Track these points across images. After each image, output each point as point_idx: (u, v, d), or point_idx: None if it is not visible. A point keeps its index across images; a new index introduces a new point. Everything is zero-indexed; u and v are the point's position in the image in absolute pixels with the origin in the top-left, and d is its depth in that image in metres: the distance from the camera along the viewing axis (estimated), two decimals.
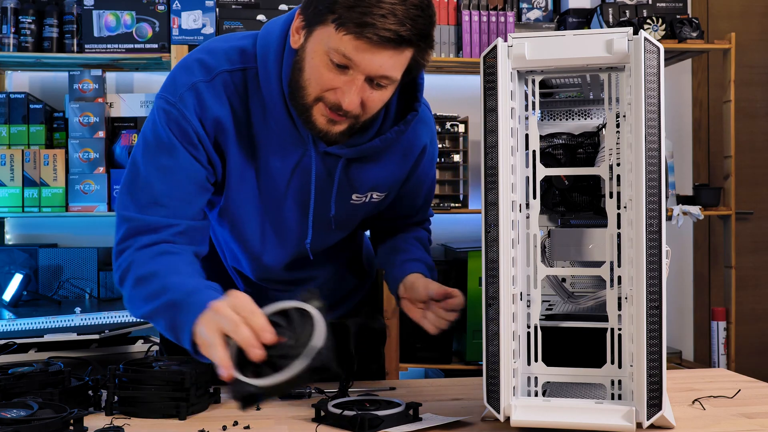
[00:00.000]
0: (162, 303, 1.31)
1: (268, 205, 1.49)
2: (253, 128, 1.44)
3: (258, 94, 1.42)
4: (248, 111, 1.43)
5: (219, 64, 1.41)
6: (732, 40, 3.28)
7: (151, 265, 1.35)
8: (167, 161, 1.40)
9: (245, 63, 1.42)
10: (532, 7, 3.42)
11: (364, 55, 1.28)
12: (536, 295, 1.29)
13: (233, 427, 1.30)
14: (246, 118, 1.43)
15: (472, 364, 3.08)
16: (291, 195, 1.49)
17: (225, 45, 1.45)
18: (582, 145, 1.42)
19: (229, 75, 1.41)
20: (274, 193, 1.48)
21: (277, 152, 1.45)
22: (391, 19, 1.25)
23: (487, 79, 1.24)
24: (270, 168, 1.46)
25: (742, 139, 3.63)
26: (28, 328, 1.81)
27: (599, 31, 1.22)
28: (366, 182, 1.52)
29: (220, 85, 1.41)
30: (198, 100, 1.40)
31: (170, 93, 1.41)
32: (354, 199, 1.53)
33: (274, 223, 1.51)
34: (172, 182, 1.40)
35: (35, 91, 3.32)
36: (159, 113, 1.41)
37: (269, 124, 1.43)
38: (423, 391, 1.55)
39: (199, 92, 1.40)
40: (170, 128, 1.40)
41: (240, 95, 1.42)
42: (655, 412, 1.20)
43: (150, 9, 3.05)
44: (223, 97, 1.41)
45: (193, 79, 1.40)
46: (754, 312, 3.83)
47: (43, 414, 1.19)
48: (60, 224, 3.31)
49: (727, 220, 3.36)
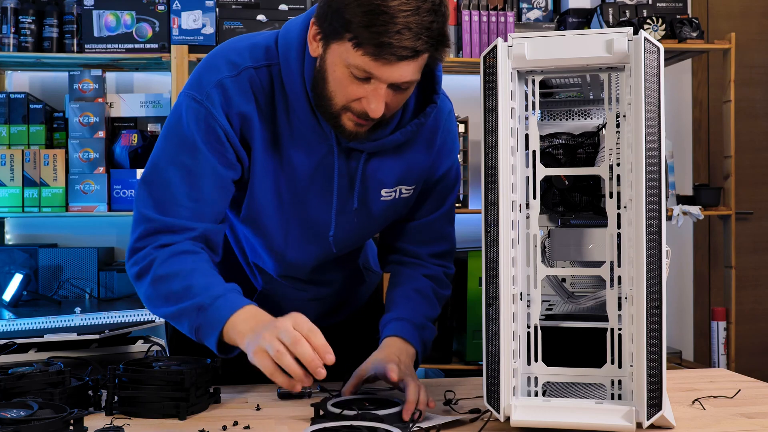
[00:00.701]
0: (187, 306, 1.35)
1: (291, 200, 1.50)
2: (277, 124, 1.45)
3: (282, 91, 1.44)
4: (273, 107, 1.44)
5: (244, 60, 1.43)
6: (732, 40, 3.28)
7: (171, 264, 1.38)
8: (189, 161, 1.41)
9: (269, 60, 1.43)
10: (532, 7, 3.42)
11: (383, 70, 1.30)
12: (536, 295, 1.29)
13: (233, 427, 1.30)
14: (271, 114, 1.44)
15: (472, 364, 3.08)
16: (314, 190, 1.50)
17: (248, 42, 1.46)
18: (582, 145, 1.42)
19: (254, 71, 1.43)
20: (297, 188, 1.49)
21: (300, 147, 1.46)
22: (407, 35, 1.26)
23: (487, 79, 1.24)
24: (293, 163, 1.47)
25: (742, 139, 3.63)
26: (28, 328, 1.81)
27: (599, 31, 1.22)
28: (392, 176, 1.52)
29: (246, 81, 1.42)
30: (225, 97, 1.41)
31: (197, 90, 1.42)
32: (384, 196, 1.53)
33: (297, 219, 1.52)
34: (193, 183, 1.41)
35: (35, 91, 3.32)
36: (187, 111, 1.42)
37: (292, 121, 1.45)
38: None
39: (225, 88, 1.41)
40: (197, 127, 1.40)
41: (265, 91, 1.43)
42: (655, 412, 1.20)
43: (150, 9, 3.05)
44: (249, 92, 1.42)
45: (219, 75, 1.41)
46: (754, 312, 3.83)
47: (43, 414, 1.19)
48: (60, 224, 3.31)
49: (727, 220, 3.36)
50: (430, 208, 1.62)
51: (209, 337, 1.35)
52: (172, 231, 1.40)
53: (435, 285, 1.62)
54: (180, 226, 1.41)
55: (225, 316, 1.32)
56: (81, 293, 3.01)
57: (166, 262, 1.38)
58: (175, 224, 1.40)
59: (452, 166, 1.61)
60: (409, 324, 1.52)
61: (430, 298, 1.59)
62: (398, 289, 1.59)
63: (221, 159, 1.42)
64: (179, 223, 1.41)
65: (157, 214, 1.41)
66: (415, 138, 1.51)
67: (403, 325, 1.52)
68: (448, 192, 1.62)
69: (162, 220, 1.41)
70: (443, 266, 1.65)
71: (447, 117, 1.57)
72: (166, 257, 1.38)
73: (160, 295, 1.39)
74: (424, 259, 1.63)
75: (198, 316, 1.34)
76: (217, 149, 1.41)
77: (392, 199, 1.55)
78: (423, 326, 1.54)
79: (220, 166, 1.42)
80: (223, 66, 1.42)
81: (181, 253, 1.39)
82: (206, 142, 1.40)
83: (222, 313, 1.33)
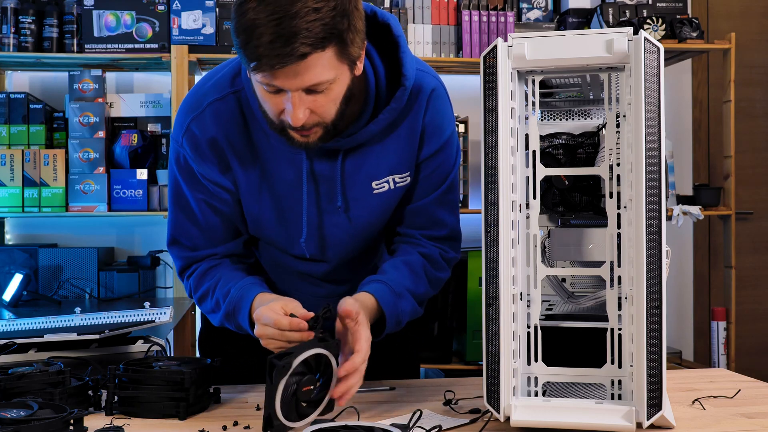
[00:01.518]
0: (222, 315, 1.52)
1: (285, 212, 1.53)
2: (254, 142, 1.49)
3: (252, 113, 1.47)
4: (247, 127, 1.49)
5: (207, 96, 1.49)
6: (732, 40, 3.28)
7: (202, 284, 1.56)
8: (183, 200, 1.55)
9: (236, 86, 1.48)
10: (532, 7, 3.42)
11: (281, 80, 1.29)
12: (536, 295, 1.29)
13: (233, 427, 1.30)
14: (245, 135, 1.49)
15: (472, 364, 3.08)
16: (303, 198, 1.51)
17: (217, 76, 1.51)
18: (582, 145, 1.42)
19: (220, 102, 1.48)
20: (290, 197, 1.51)
21: (282, 159, 1.49)
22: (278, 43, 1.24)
23: (487, 79, 1.24)
24: (280, 174, 1.50)
25: (742, 139, 3.63)
26: (28, 328, 1.81)
27: (599, 31, 1.22)
28: (379, 166, 1.51)
29: (210, 115, 1.48)
30: (193, 140, 1.49)
31: (175, 138, 1.53)
32: (375, 188, 1.52)
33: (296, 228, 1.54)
34: (194, 218, 1.55)
35: (35, 91, 3.32)
36: (173, 157, 1.55)
37: (269, 137, 1.48)
38: (423, 391, 1.55)
39: (191, 132, 1.49)
40: (179, 171, 1.53)
41: (234, 116, 1.48)
42: (655, 412, 1.20)
43: (150, 9, 3.05)
44: (214, 125, 1.48)
45: (187, 119, 1.49)
46: (754, 312, 3.83)
47: (43, 414, 1.19)
48: (60, 224, 3.31)
49: (727, 220, 3.36)
50: (420, 193, 1.56)
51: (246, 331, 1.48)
52: (199, 260, 1.58)
53: (428, 263, 1.57)
54: (203, 255, 1.58)
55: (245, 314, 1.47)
56: (81, 293, 3.01)
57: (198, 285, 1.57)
58: (199, 256, 1.58)
59: (442, 147, 1.54)
60: (386, 287, 1.48)
61: (418, 274, 1.54)
62: (389, 261, 1.57)
63: (206, 194, 1.53)
64: (200, 254, 1.58)
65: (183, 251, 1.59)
66: (397, 124, 1.49)
67: (380, 287, 1.48)
68: (440, 175, 1.56)
69: (187, 256, 1.58)
70: (441, 249, 1.60)
71: (431, 96, 1.51)
72: (197, 280, 1.57)
73: (206, 310, 1.58)
74: (419, 239, 1.59)
75: (232, 320, 1.51)
76: (199, 189, 1.53)
77: (387, 190, 1.53)
78: (400, 294, 1.49)
79: (208, 199, 1.53)
80: (191, 106, 1.50)
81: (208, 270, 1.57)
82: (188, 183, 1.53)
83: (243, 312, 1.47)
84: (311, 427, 1.20)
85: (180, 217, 1.56)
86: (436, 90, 1.53)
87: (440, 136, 1.53)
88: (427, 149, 1.53)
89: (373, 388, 1.55)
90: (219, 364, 1.45)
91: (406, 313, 1.51)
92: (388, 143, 1.50)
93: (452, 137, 1.57)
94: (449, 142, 1.56)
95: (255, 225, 1.57)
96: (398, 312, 1.48)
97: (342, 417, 1.34)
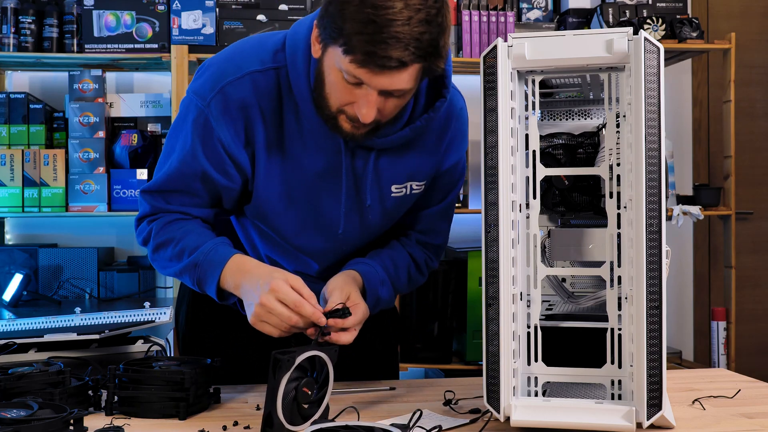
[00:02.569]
0: (184, 264, 1.46)
1: (302, 198, 1.52)
2: (284, 125, 1.47)
3: (290, 93, 1.45)
4: (280, 108, 1.46)
5: (249, 64, 1.45)
6: (732, 40, 3.28)
7: (166, 231, 1.50)
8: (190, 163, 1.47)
9: (277, 63, 1.45)
10: (532, 7, 3.42)
11: (371, 77, 1.30)
12: (536, 295, 1.29)
13: (233, 427, 1.30)
14: (277, 116, 1.46)
15: (472, 364, 3.08)
16: (325, 187, 1.51)
17: (257, 44, 1.48)
18: (582, 145, 1.42)
19: (260, 74, 1.44)
20: (308, 187, 1.50)
21: (310, 147, 1.48)
22: (395, 46, 1.25)
23: (487, 79, 1.24)
24: (303, 162, 1.48)
25: (742, 139, 3.63)
26: (28, 328, 1.81)
27: (599, 31, 1.23)
28: (402, 171, 1.53)
29: (248, 85, 1.44)
30: (225, 104, 1.44)
31: (200, 96, 1.45)
32: (395, 191, 1.54)
33: (310, 216, 1.53)
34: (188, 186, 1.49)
35: (35, 91, 3.32)
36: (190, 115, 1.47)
37: (301, 121, 1.46)
38: (423, 391, 1.55)
39: (226, 95, 1.43)
40: (197, 134, 1.46)
41: (270, 94, 1.45)
42: (655, 412, 1.20)
43: (150, 9, 3.05)
44: (252, 96, 1.44)
45: (222, 81, 1.44)
46: (754, 312, 3.83)
47: (43, 414, 1.19)
48: (60, 224, 3.31)
49: (727, 220, 3.36)
50: (429, 201, 1.62)
51: (209, 288, 1.45)
52: (169, 212, 1.52)
53: (413, 264, 1.63)
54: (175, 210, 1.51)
55: (219, 267, 1.43)
56: (81, 293, 3.01)
57: (162, 231, 1.50)
58: (171, 209, 1.51)
59: (458, 163, 1.61)
60: (373, 270, 1.54)
61: (401, 269, 1.60)
62: (377, 251, 1.61)
63: (217, 167, 1.47)
64: (174, 209, 1.51)
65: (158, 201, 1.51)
66: (425, 133, 1.51)
67: (366, 268, 1.53)
68: (449, 188, 1.63)
69: (160, 206, 1.51)
70: (427, 256, 1.66)
71: (458, 113, 1.57)
72: (161, 226, 1.50)
73: (162, 258, 1.51)
74: (412, 240, 1.65)
75: (196, 271, 1.45)
76: (210, 156, 1.46)
77: (403, 195, 1.56)
78: (382, 282, 1.55)
79: (215, 172, 1.47)
80: (229, 70, 1.44)
81: (175, 221, 1.51)
82: (203, 145, 1.46)
83: (216, 265, 1.43)
84: (311, 426, 1.20)
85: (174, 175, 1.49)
86: (464, 109, 1.60)
87: (459, 152, 1.61)
88: (447, 162, 1.58)
89: (373, 388, 1.55)
90: (219, 364, 1.45)
91: (385, 301, 1.56)
92: (414, 150, 1.52)
93: (465, 155, 1.64)
94: (463, 159, 1.63)
95: (259, 208, 1.53)
96: (378, 297, 1.54)
97: (342, 417, 1.34)
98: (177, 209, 1.51)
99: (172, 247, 1.48)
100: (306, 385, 1.27)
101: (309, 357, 1.29)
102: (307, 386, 1.28)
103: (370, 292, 1.51)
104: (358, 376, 1.65)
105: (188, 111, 1.48)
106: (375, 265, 1.55)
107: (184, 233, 1.48)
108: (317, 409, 1.31)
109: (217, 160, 1.47)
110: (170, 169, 1.49)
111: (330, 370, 1.32)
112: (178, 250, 1.47)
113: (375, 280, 1.53)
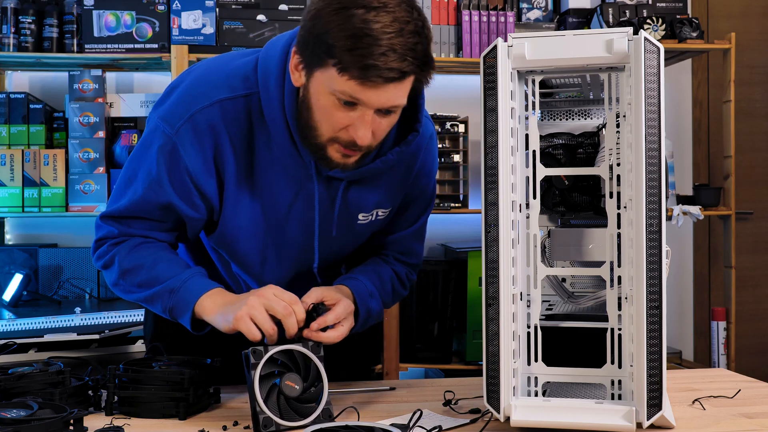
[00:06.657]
0: (157, 290, 1.42)
1: (269, 227, 1.49)
2: (254, 152, 1.43)
3: (261, 120, 1.41)
4: (251, 136, 1.42)
5: (219, 92, 1.40)
6: (732, 40, 3.28)
7: (135, 257, 1.46)
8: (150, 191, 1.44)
9: (248, 89, 1.41)
10: (532, 7, 3.42)
11: (370, 94, 1.28)
12: (536, 295, 1.29)
13: (233, 427, 1.30)
14: (247, 144, 1.42)
15: (472, 364, 3.08)
16: (294, 216, 1.48)
17: (226, 70, 1.43)
18: (582, 145, 1.42)
19: (230, 102, 1.40)
20: (276, 216, 1.48)
21: (280, 175, 1.44)
22: (392, 56, 1.24)
23: (487, 79, 1.24)
24: (273, 191, 1.46)
25: (742, 139, 3.63)
26: (28, 328, 1.81)
27: (599, 31, 1.23)
28: (370, 200, 1.52)
29: (217, 113, 1.39)
30: (194, 132, 1.40)
31: (168, 122, 1.41)
32: (361, 219, 1.53)
33: (275, 245, 1.51)
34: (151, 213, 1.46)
35: (35, 91, 3.32)
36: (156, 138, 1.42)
37: (273, 149, 1.43)
38: (423, 391, 1.55)
39: (195, 123, 1.39)
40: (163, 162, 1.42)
41: (240, 122, 1.41)
42: (655, 412, 1.20)
43: (150, 9, 3.05)
44: (221, 124, 1.40)
45: (191, 109, 1.39)
46: (754, 312, 3.83)
47: (43, 414, 1.19)
48: (60, 224, 3.31)
49: (727, 220, 3.36)
50: (402, 225, 1.62)
51: (183, 315, 1.41)
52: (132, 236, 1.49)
53: (395, 277, 1.63)
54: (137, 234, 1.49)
55: (195, 297, 1.40)
56: (81, 293, 3.01)
57: (128, 257, 1.46)
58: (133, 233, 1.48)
59: (427, 187, 1.60)
60: (361, 285, 1.52)
61: (386, 282, 1.59)
62: (360, 267, 1.60)
63: (183, 197, 1.44)
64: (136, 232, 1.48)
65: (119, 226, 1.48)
66: (395, 165, 1.49)
67: (355, 284, 1.51)
68: (420, 212, 1.62)
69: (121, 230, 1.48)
70: (408, 270, 1.66)
71: (428, 141, 1.56)
72: (127, 251, 1.47)
73: (130, 284, 1.46)
74: (390, 258, 1.64)
75: (170, 298, 1.42)
76: (177, 187, 1.43)
77: (369, 222, 1.55)
78: (371, 294, 1.52)
79: (181, 202, 1.44)
80: (196, 99, 1.40)
81: (139, 245, 1.47)
82: (169, 174, 1.42)
83: (192, 295, 1.40)
84: (311, 426, 1.20)
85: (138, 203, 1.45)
86: (434, 135, 1.58)
87: (429, 178, 1.60)
88: (416, 189, 1.58)
89: (373, 388, 1.55)
90: (219, 364, 1.45)
91: (375, 313, 1.54)
92: (383, 180, 1.51)
93: (435, 179, 1.63)
94: (433, 183, 1.62)
95: (223, 237, 1.50)
96: (369, 308, 1.51)
97: (342, 417, 1.34)
98: (140, 233, 1.48)
99: (143, 272, 1.44)
100: (289, 379, 1.28)
101: (288, 352, 1.30)
102: (292, 380, 1.29)
103: (361, 305, 1.49)
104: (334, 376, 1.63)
105: (154, 137, 1.43)
106: (363, 279, 1.53)
107: (155, 260, 1.45)
108: (316, 406, 1.31)
109: (184, 191, 1.43)
110: (134, 197, 1.45)
111: (318, 365, 1.32)
112: (151, 277, 1.44)
113: (364, 292, 1.50)
